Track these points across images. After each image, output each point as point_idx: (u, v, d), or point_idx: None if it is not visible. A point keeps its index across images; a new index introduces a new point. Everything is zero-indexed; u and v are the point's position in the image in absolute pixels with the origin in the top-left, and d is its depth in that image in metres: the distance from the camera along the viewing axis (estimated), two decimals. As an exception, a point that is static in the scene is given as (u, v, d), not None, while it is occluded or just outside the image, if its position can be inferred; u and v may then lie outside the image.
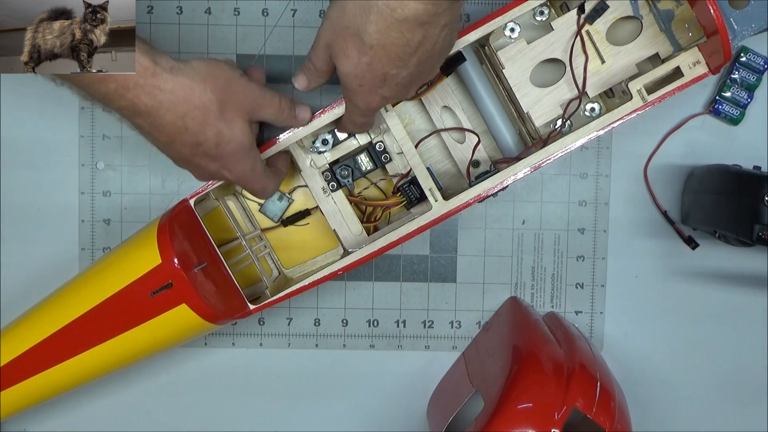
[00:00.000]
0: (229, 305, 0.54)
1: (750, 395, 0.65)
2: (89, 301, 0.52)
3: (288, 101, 0.51)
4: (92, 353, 0.52)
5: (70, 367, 0.53)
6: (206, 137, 0.46)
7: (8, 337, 0.54)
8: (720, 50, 0.50)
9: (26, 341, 0.53)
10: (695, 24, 0.52)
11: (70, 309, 0.52)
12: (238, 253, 0.58)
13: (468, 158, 0.58)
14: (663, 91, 0.52)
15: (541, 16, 0.55)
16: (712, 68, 0.52)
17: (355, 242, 0.57)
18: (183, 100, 0.44)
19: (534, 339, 0.57)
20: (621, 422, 0.51)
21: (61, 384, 0.54)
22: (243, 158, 0.48)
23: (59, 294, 0.55)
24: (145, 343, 0.53)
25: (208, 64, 0.46)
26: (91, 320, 0.52)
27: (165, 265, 0.50)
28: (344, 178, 0.57)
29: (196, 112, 0.45)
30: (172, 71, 0.44)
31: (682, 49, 0.53)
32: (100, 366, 0.54)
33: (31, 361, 0.53)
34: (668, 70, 0.53)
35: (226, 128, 0.46)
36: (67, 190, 0.63)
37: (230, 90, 0.46)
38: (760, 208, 0.53)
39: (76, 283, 0.54)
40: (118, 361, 0.54)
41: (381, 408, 0.65)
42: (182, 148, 0.47)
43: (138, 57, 0.42)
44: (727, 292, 0.64)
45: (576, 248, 0.64)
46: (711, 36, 0.51)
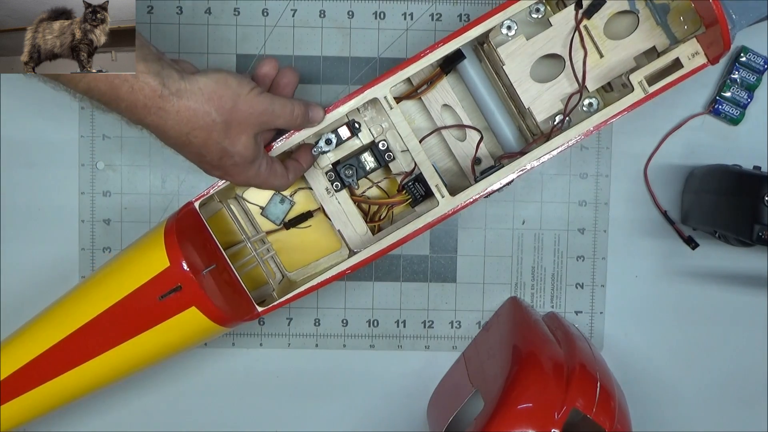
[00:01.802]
0: (237, 308, 0.54)
1: (750, 395, 0.65)
2: (96, 306, 0.51)
3: (301, 106, 0.51)
4: (100, 360, 0.52)
5: (77, 375, 0.52)
6: (209, 152, 0.47)
7: (13, 345, 0.53)
8: (719, 40, 0.50)
9: (32, 350, 0.52)
10: (691, 16, 0.53)
11: (76, 315, 0.52)
12: (243, 255, 0.58)
13: (469, 156, 0.58)
14: (664, 83, 0.53)
15: (537, 13, 0.55)
16: (711, 59, 0.52)
17: (360, 242, 0.57)
18: (187, 120, 0.45)
19: (534, 339, 0.57)
20: (621, 422, 0.51)
21: (68, 393, 0.53)
22: (246, 169, 0.49)
23: (65, 300, 0.54)
24: (154, 348, 0.53)
25: (215, 82, 0.46)
26: (99, 326, 0.51)
27: (173, 268, 0.50)
28: (348, 177, 0.57)
29: (200, 132, 0.46)
30: (178, 94, 0.44)
31: (679, 41, 0.54)
32: (108, 374, 0.53)
33: (38, 370, 0.52)
34: (668, 61, 0.53)
35: (230, 145, 0.47)
36: (67, 190, 0.63)
37: (236, 109, 0.47)
38: (760, 208, 0.53)
39: (82, 289, 0.54)
40: (127, 368, 0.53)
41: (381, 408, 0.65)
42: (188, 155, 0.48)
43: (147, 79, 0.43)
44: (727, 292, 0.64)
45: (576, 248, 0.64)
46: (710, 26, 0.51)
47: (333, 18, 0.63)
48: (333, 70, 0.63)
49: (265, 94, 0.49)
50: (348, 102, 0.53)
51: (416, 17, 0.63)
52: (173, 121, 0.45)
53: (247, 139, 0.48)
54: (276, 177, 0.52)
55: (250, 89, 0.48)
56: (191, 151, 0.47)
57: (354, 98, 0.53)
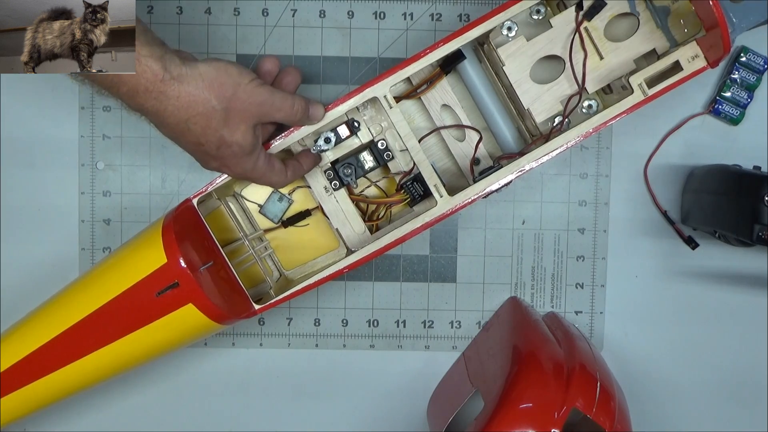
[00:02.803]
0: (234, 305, 0.54)
1: (750, 395, 0.65)
2: (93, 302, 0.52)
3: (302, 102, 0.51)
4: (97, 355, 0.52)
5: (74, 370, 0.52)
6: (207, 140, 0.47)
7: (11, 340, 0.53)
8: (719, 44, 0.50)
9: (29, 344, 0.52)
10: (691, 20, 0.53)
11: (73, 311, 0.52)
12: (241, 253, 0.58)
13: (468, 156, 0.58)
14: (663, 85, 0.53)
15: (538, 14, 0.55)
16: (711, 62, 0.52)
17: (358, 241, 0.57)
18: (187, 106, 0.45)
19: (534, 339, 0.57)
20: (621, 422, 0.51)
21: (65, 388, 0.54)
22: (243, 160, 0.49)
23: (62, 296, 0.54)
24: (150, 344, 0.53)
25: (216, 69, 0.46)
26: (96, 322, 0.51)
27: (171, 265, 0.50)
28: (347, 176, 0.57)
29: (199, 118, 0.46)
30: (179, 79, 0.45)
31: (679, 44, 0.54)
32: (105, 369, 0.53)
33: (35, 365, 0.52)
34: (668, 64, 0.53)
35: (228, 134, 0.47)
36: (67, 190, 0.63)
37: (236, 97, 0.47)
38: (760, 208, 0.53)
39: (79, 285, 0.54)
40: (124, 363, 0.54)
41: (381, 408, 0.65)
42: (186, 145, 0.48)
43: (150, 62, 0.43)
44: (727, 292, 0.64)
45: (576, 248, 0.64)
46: (710, 30, 0.51)
47: (333, 18, 0.63)
48: (333, 70, 0.63)
49: (266, 86, 0.49)
50: (347, 101, 0.53)
51: (416, 17, 0.63)
52: (173, 107, 0.45)
53: (246, 129, 0.48)
54: (274, 173, 0.52)
55: (251, 79, 0.48)
56: (189, 140, 0.47)
57: (353, 97, 0.53)
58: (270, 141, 0.53)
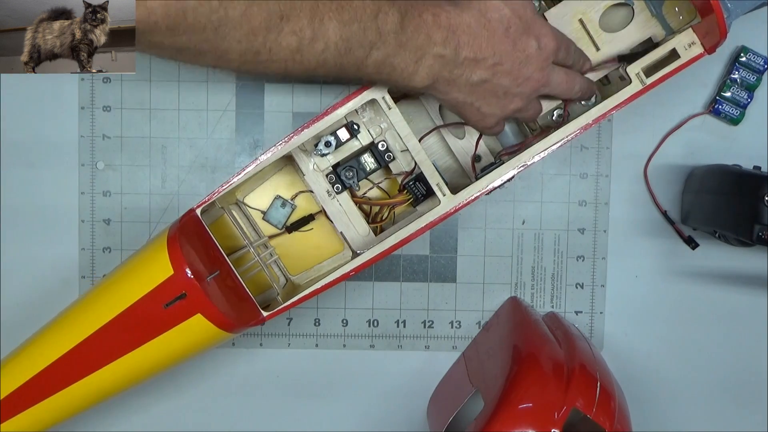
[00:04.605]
0: (242, 313, 0.54)
1: (750, 395, 0.65)
2: (101, 317, 0.51)
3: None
4: (107, 370, 0.51)
5: (85, 386, 0.52)
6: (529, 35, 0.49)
7: (19, 359, 0.52)
8: (715, 29, 0.50)
9: (38, 362, 0.52)
10: (686, 6, 0.53)
11: (82, 326, 0.51)
12: (246, 261, 0.58)
13: (469, 153, 0.58)
14: (661, 73, 0.53)
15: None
16: (708, 48, 0.52)
17: (363, 243, 0.57)
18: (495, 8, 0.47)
19: (534, 339, 0.57)
20: (621, 422, 0.51)
21: (76, 405, 0.53)
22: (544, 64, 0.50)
23: (69, 312, 0.53)
24: (160, 356, 0.52)
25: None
26: (105, 336, 0.51)
27: (177, 276, 0.50)
28: (349, 179, 0.57)
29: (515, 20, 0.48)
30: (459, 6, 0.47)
31: (675, 32, 0.54)
32: (115, 384, 0.53)
33: (44, 384, 0.52)
34: (665, 52, 0.53)
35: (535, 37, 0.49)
36: (67, 190, 0.63)
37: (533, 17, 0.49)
38: (760, 208, 0.53)
39: (86, 300, 0.53)
40: (134, 377, 0.53)
41: (381, 408, 0.65)
42: (502, 78, 0.49)
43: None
44: (727, 292, 0.64)
45: (576, 248, 0.64)
46: (705, 16, 0.51)
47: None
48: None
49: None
50: (346, 104, 0.53)
51: (416, 17, 0.63)
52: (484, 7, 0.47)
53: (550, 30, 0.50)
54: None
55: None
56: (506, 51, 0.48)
57: (352, 100, 0.53)
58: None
